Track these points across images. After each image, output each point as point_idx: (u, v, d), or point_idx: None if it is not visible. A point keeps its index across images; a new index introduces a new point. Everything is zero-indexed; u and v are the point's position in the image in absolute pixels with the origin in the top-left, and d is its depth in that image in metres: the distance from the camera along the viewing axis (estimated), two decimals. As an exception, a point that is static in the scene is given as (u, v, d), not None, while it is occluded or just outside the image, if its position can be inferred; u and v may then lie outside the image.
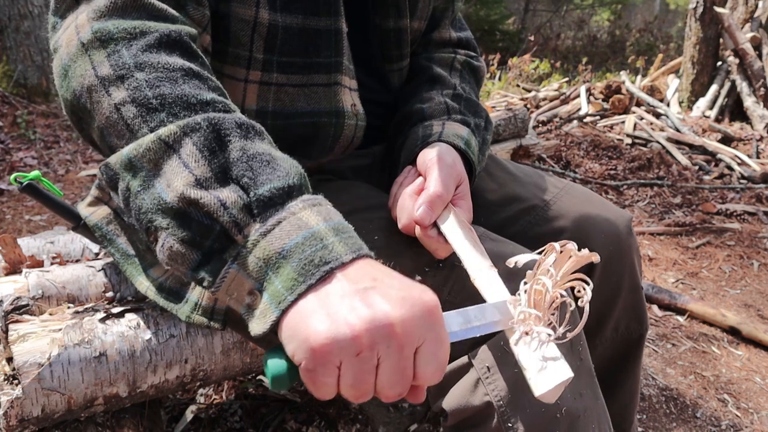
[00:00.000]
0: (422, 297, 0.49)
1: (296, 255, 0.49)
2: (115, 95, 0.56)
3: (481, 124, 0.91)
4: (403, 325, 0.47)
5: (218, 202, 0.51)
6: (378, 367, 0.48)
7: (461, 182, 0.79)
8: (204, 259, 0.52)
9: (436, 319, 0.49)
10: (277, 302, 0.49)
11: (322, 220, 0.52)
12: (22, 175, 0.86)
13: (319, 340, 0.46)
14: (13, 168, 3.09)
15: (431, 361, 0.49)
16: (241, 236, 0.51)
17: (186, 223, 0.51)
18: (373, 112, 0.90)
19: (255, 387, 1.45)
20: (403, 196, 0.76)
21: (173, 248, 0.52)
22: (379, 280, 0.49)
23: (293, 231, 0.50)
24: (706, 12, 4.78)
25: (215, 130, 0.54)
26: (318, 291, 0.48)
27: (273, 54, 0.76)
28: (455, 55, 1.00)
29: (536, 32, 10.06)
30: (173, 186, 0.52)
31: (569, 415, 0.65)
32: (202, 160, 0.52)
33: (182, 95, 0.56)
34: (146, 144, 0.53)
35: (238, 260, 0.51)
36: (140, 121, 0.55)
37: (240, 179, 0.52)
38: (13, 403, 0.80)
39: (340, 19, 0.78)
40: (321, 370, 0.46)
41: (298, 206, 0.52)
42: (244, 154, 0.53)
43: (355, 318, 0.46)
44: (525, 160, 2.90)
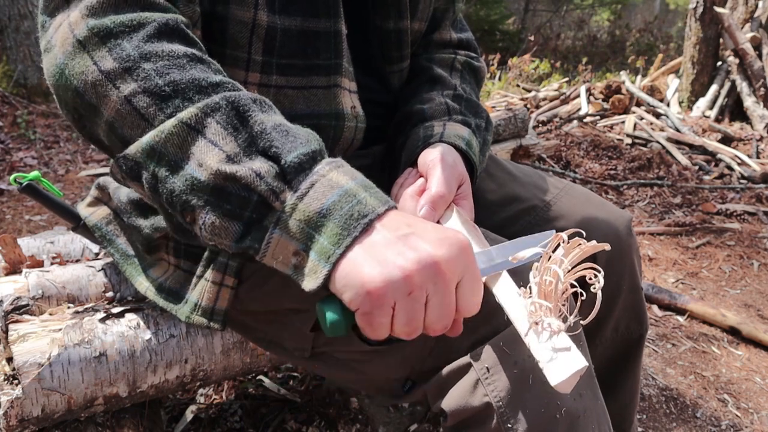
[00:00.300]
0: (457, 236, 0.54)
1: (336, 212, 0.52)
2: (124, 88, 0.57)
3: (482, 124, 0.91)
4: (446, 263, 0.51)
5: (253, 173, 0.53)
6: (427, 303, 0.52)
7: (463, 182, 0.79)
8: (246, 230, 0.55)
9: (470, 256, 0.54)
10: (326, 257, 0.52)
11: (350, 179, 0.55)
12: (21, 175, 0.86)
13: (374, 284, 0.50)
14: (13, 168, 3.09)
15: (470, 294, 0.54)
16: (279, 202, 0.54)
17: (224, 198, 0.54)
18: (373, 112, 0.90)
19: (255, 387, 1.45)
20: (404, 197, 0.76)
21: (215, 224, 0.54)
22: (414, 225, 0.54)
23: (327, 191, 0.53)
24: (706, 12, 4.78)
25: (234, 107, 0.56)
26: (362, 242, 0.52)
27: (272, 56, 0.76)
28: (455, 55, 1.00)
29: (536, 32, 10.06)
30: (206, 164, 0.54)
31: (569, 415, 0.65)
32: (228, 137, 0.55)
33: (193, 79, 0.57)
34: (168, 129, 0.55)
35: (279, 225, 0.54)
36: (155, 109, 0.56)
37: (267, 150, 0.55)
38: (13, 403, 0.80)
39: (339, 21, 0.78)
40: (377, 312, 0.51)
41: (325, 169, 0.55)
42: (266, 126, 0.56)
43: (403, 261, 0.50)
44: (525, 160, 2.90)
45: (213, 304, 0.78)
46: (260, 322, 0.83)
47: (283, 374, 1.52)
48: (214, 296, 0.78)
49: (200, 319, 0.79)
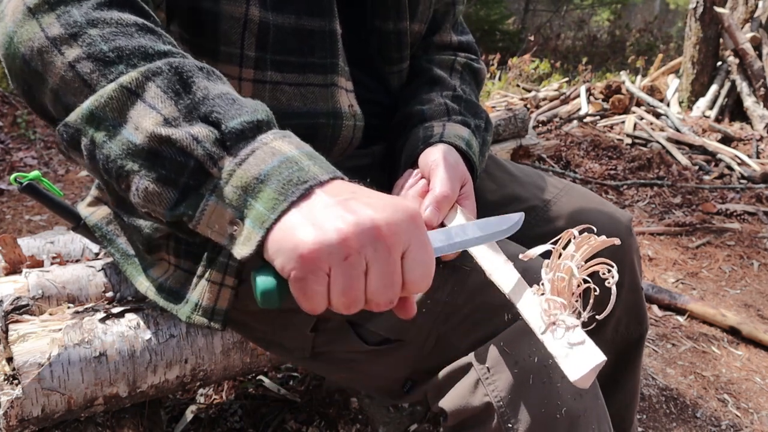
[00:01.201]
0: (403, 203, 0.51)
1: (274, 177, 0.50)
2: (69, 53, 0.55)
3: (481, 125, 0.91)
4: (388, 226, 0.48)
5: (190, 137, 0.51)
6: (367, 272, 0.48)
7: (465, 182, 0.79)
8: (181, 197, 0.52)
9: (419, 223, 0.51)
10: (260, 223, 0.49)
11: (294, 147, 0.53)
12: (22, 175, 0.86)
13: (307, 247, 0.46)
14: (13, 168, 3.09)
15: (418, 266, 0.50)
16: (216, 169, 0.52)
17: (159, 162, 0.52)
18: (372, 111, 0.90)
19: (255, 387, 1.45)
20: (407, 198, 0.76)
21: (148, 189, 0.52)
22: (358, 192, 0.51)
23: (268, 157, 0.51)
24: (706, 12, 4.78)
25: (177, 72, 0.54)
26: (300, 206, 0.49)
27: (266, 52, 0.76)
28: (456, 57, 1.00)
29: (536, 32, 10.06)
30: (142, 127, 0.52)
31: (569, 415, 0.65)
32: (168, 101, 0.53)
33: (139, 46, 0.55)
34: (108, 94, 0.53)
35: (215, 192, 0.52)
36: (98, 75, 0.54)
37: (209, 116, 0.53)
38: (13, 403, 0.80)
39: (334, 21, 0.78)
40: (311, 278, 0.47)
41: (269, 137, 0.53)
42: (210, 92, 0.54)
43: (340, 222, 0.47)
44: (525, 160, 2.90)
45: (213, 304, 0.78)
46: (260, 322, 0.83)
47: (283, 374, 1.52)
48: (214, 296, 0.78)
49: (201, 319, 0.79)
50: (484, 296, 0.70)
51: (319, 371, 0.93)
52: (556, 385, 0.66)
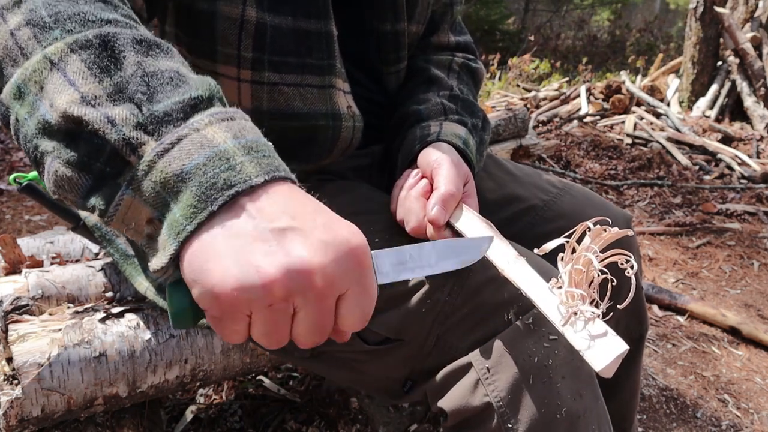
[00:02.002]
0: (349, 241, 0.45)
1: (196, 177, 0.43)
2: (11, 20, 0.51)
3: (478, 124, 0.91)
4: (323, 274, 0.42)
5: (105, 119, 0.45)
6: (294, 316, 0.44)
7: (468, 180, 0.78)
8: (95, 184, 0.46)
9: (363, 266, 0.45)
10: (175, 233, 0.43)
11: (231, 137, 0.45)
12: (21, 175, 0.86)
13: (224, 289, 0.41)
14: (13, 168, 3.09)
15: (353, 312, 0.46)
16: (135, 157, 0.44)
17: (72, 144, 0.46)
18: (371, 111, 0.90)
19: (255, 387, 1.45)
20: (410, 198, 0.75)
21: (58, 172, 0.46)
22: (300, 217, 0.44)
23: (194, 150, 0.44)
24: (707, 12, 4.78)
25: (108, 47, 0.48)
26: (225, 225, 0.43)
27: (263, 53, 0.76)
28: (453, 57, 1.00)
29: (536, 32, 10.06)
30: (56, 105, 0.46)
31: (569, 415, 0.65)
32: (90, 78, 0.46)
33: (80, 12, 0.50)
34: (32, 66, 0.48)
35: (132, 185, 0.45)
36: (33, 42, 0.49)
37: (133, 96, 0.46)
38: (13, 403, 0.80)
39: (330, 23, 0.78)
40: (228, 319, 0.43)
41: (203, 121, 0.46)
42: (141, 70, 0.47)
43: (267, 264, 0.41)
44: (525, 160, 2.90)
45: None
46: (260, 322, 0.83)
47: (283, 374, 1.52)
48: (213, 296, 0.78)
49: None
50: (484, 296, 0.70)
51: (319, 371, 0.93)
52: (556, 385, 0.66)
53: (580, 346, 0.54)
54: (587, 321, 0.55)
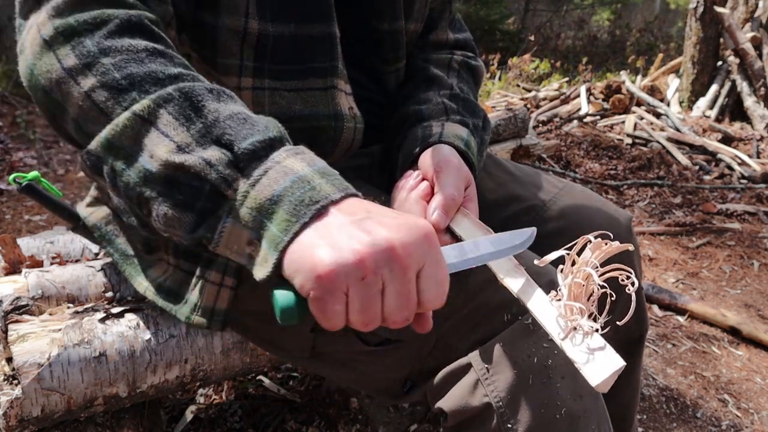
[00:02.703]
0: (417, 222, 0.52)
1: (287, 198, 0.51)
2: (84, 83, 0.57)
3: (479, 124, 0.91)
4: (403, 247, 0.49)
5: (203, 162, 0.52)
6: (383, 292, 0.50)
7: (469, 184, 0.79)
8: (199, 219, 0.54)
9: (432, 242, 0.52)
10: (274, 245, 0.50)
11: (307, 165, 0.54)
12: (21, 175, 0.85)
13: (324, 268, 0.48)
14: (13, 168, 3.09)
15: (432, 285, 0.51)
16: (231, 191, 0.53)
17: (175, 188, 0.53)
18: (371, 111, 0.90)
19: (255, 387, 1.45)
20: (410, 201, 0.75)
21: (167, 214, 0.54)
22: (373, 211, 0.52)
23: (280, 177, 0.52)
24: (707, 12, 4.78)
25: (188, 98, 0.55)
26: (315, 226, 0.50)
27: (263, 62, 0.76)
28: (452, 55, 1.00)
29: (536, 32, 10.05)
30: (156, 155, 0.53)
31: (569, 416, 0.65)
32: (180, 128, 0.54)
33: (150, 72, 0.57)
34: (122, 122, 0.55)
35: (232, 214, 0.53)
36: (113, 103, 0.56)
37: (221, 138, 0.54)
38: (13, 404, 0.79)
39: (333, 25, 0.78)
40: (329, 298, 0.48)
41: (281, 155, 0.54)
42: (220, 115, 0.55)
43: (356, 243, 0.48)
44: (525, 160, 2.90)
45: (213, 304, 0.78)
46: (260, 322, 0.83)
47: (283, 374, 1.51)
48: (213, 296, 0.78)
49: (200, 320, 0.79)
50: (484, 297, 0.70)
51: (319, 371, 0.93)
52: (555, 385, 0.66)
53: (578, 360, 0.54)
54: (585, 335, 0.55)
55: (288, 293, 0.52)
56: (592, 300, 0.56)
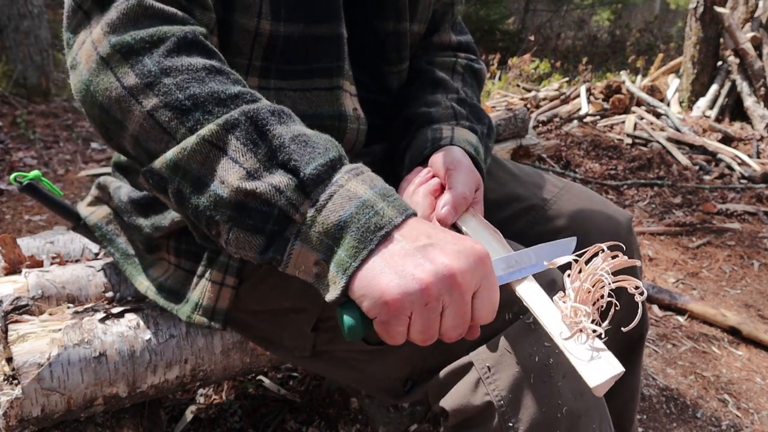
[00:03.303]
0: (474, 248, 0.55)
1: (353, 225, 0.54)
2: (146, 103, 0.58)
3: (485, 131, 0.92)
4: (462, 274, 0.53)
5: (273, 189, 0.55)
6: (442, 313, 0.54)
7: (478, 187, 0.79)
8: (269, 242, 0.56)
9: (487, 266, 0.55)
10: (343, 270, 0.54)
11: (369, 188, 0.56)
12: (22, 174, 0.85)
13: (392, 295, 0.52)
14: (13, 168, 3.09)
15: (486, 304, 0.56)
16: (299, 215, 0.55)
17: (246, 213, 0.56)
18: (373, 111, 0.90)
19: (255, 387, 1.45)
20: (418, 194, 0.76)
21: (239, 238, 0.56)
22: (434, 236, 0.55)
23: (345, 203, 0.55)
24: (707, 12, 4.78)
25: (253, 122, 0.57)
26: (381, 252, 0.53)
27: (271, 62, 0.76)
28: (456, 58, 1.00)
29: (536, 32, 10.05)
30: (228, 182, 0.55)
31: (570, 415, 0.65)
32: (248, 154, 0.56)
33: (212, 92, 0.59)
34: (191, 146, 0.56)
35: (300, 237, 0.56)
36: (177, 123, 0.58)
37: (287, 164, 0.56)
38: (13, 404, 0.79)
39: (340, 25, 0.78)
40: (394, 321, 0.53)
41: (344, 178, 0.57)
42: (284, 140, 0.57)
43: (421, 272, 0.52)
44: (525, 159, 2.90)
45: (214, 303, 0.78)
46: (261, 321, 0.83)
47: (283, 374, 1.51)
48: (215, 296, 0.78)
49: (201, 319, 0.79)
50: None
51: (319, 371, 0.93)
52: (557, 384, 0.66)
53: (579, 361, 0.55)
54: (588, 338, 0.56)
55: (353, 314, 0.55)
56: (597, 306, 0.57)
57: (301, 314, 0.77)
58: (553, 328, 0.58)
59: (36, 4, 4.23)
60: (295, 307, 0.77)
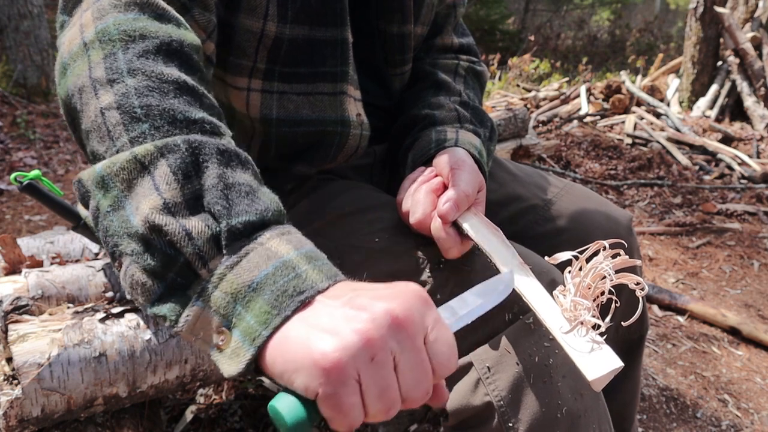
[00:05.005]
0: (409, 286, 0.48)
1: (268, 287, 0.46)
2: (103, 99, 0.54)
3: (487, 134, 0.92)
4: (404, 313, 0.45)
5: (183, 232, 0.47)
6: (397, 368, 0.45)
7: (481, 188, 0.79)
8: (166, 293, 0.49)
9: (429, 302, 0.48)
10: (251, 339, 0.45)
11: (293, 248, 0.49)
12: (22, 174, 0.85)
13: (329, 358, 0.42)
14: (13, 168, 3.09)
15: (442, 346, 0.47)
16: (206, 270, 0.47)
17: (150, 251, 0.48)
18: (374, 113, 0.90)
19: (255, 387, 1.45)
20: (421, 191, 0.75)
21: (135, 276, 0.49)
22: (359, 288, 0.48)
23: (262, 262, 0.47)
24: (707, 12, 4.78)
25: (194, 153, 0.51)
26: (300, 317, 0.45)
27: (275, 64, 0.76)
28: (458, 61, 1.00)
29: (536, 32, 10.06)
30: (140, 209, 0.49)
31: (570, 415, 0.65)
32: (174, 183, 0.49)
33: (169, 109, 0.53)
34: (120, 162, 0.50)
35: (203, 297, 0.47)
36: (122, 129, 0.52)
37: (212, 207, 0.49)
38: (13, 404, 0.79)
39: (346, 29, 0.78)
40: (343, 390, 0.42)
41: (266, 236, 0.49)
42: (221, 182, 0.50)
43: (356, 323, 0.43)
44: (525, 160, 2.90)
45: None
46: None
47: (283, 374, 1.51)
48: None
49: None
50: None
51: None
52: (556, 384, 0.66)
53: (578, 354, 0.55)
54: (588, 332, 0.56)
55: (290, 401, 0.44)
56: (596, 303, 0.57)
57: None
58: (552, 322, 0.58)
59: (36, 4, 4.23)
60: (295, 308, 0.77)
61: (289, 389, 0.44)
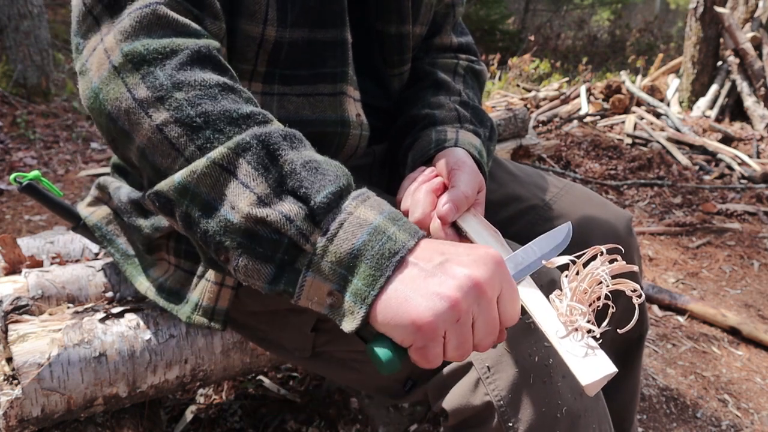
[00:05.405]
0: (488, 253, 0.55)
1: (367, 252, 0.53)
2: (156, 117, 0.57)
3: (487, 134, 0.92)
4: (485, 282, 0.53)
5: (283, 217, 0.54)
6: (473, 324, 0.54)
7: (481, 189, 0.79)
8: (278, 272, 0.55)
9: (504, 267, 0.56)
10: (362, 299, 0.53)
11: (378, 213, 0.55)
12: (21, 174, 0.85)
13: (424, 320, 0.51)
14: (13, 168, 3.09)
15: (510, 304, 0.56)
16: (309, 245, 0.54)
17: (256, 241, 0.54)
18: (373, 114, 0.90)
19: (255, 387, 1.45)
20: (421, 191, 0.76)
21: (248, 266, 0.55)
22: (447, 252, 0.55)
23: (357, 230, 0.54)
24: (707, 12, 4.78)
25: (265, 146, 0.56)
26: (399, 278, 0.53)
27: (276, 67, 0.76)
28: (458, 60, 1.00)
29: (536, 32, 10.05)
30: (238, 207, 0.54)
31: (570, 415, 0.65)
32: (259, 178, 0.55)
33: (224, 111, 0.57)
34: (201, 169, 0.55)
35: (312, 267, 0.54)
36: (186, 140, 0.56)
37: (297, 191, 0.55)
38: (13, 404, 0.79)
39: (345, 30, 0.78)
40: (431, 345, 0.52)
41: (352, 205, 0.56)
42: (296, 166, 0.56)
43: (446, 290, 0.51)
44: (525, 160, 2.90)
45: (214, 304, 0.78)
46: (261, 322, 0.83)
47: (283, 374, 1.51)
48: (214, 296, 0.78)
49: (201, 319, 0.79)
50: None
51: (319, 371, 0.93)
52: (556, 384, 0.66)
53: (572, 359, 0.55)
54: (583, 337, 0.56)
55: (386, 346, 0.54)
56: (593, 308, 0.57)
57: (301, 315, 0.77)
58: (548, 326, 0.58)
59: (36, 4, 4.23)
60: (295, 308, 0.77)
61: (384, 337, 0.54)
